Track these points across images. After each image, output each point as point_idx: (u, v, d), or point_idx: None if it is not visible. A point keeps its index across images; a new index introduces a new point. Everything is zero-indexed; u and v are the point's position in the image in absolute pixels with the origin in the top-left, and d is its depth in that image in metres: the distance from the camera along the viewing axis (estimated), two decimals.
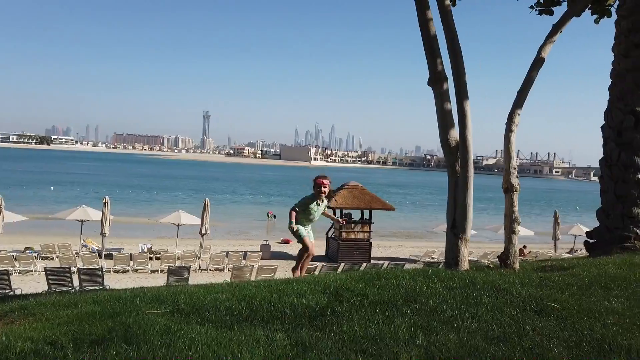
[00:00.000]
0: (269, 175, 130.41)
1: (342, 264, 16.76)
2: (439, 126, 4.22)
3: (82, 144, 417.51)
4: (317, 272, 16.32)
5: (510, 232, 4.13)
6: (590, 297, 3.67)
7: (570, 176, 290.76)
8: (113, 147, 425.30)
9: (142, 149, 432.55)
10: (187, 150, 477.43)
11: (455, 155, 4.08)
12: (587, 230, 8.36)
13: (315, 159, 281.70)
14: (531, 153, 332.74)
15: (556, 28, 4.37)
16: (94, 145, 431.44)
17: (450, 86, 4.19)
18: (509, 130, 4.28)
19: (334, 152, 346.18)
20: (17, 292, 13.64)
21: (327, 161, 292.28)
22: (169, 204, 52.21)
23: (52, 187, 62.46)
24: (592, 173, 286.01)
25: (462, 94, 4.13)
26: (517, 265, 4.07)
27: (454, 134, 4.18)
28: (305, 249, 5.99)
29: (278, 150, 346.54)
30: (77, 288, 13.74)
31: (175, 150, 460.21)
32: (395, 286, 3.46)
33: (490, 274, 3.85)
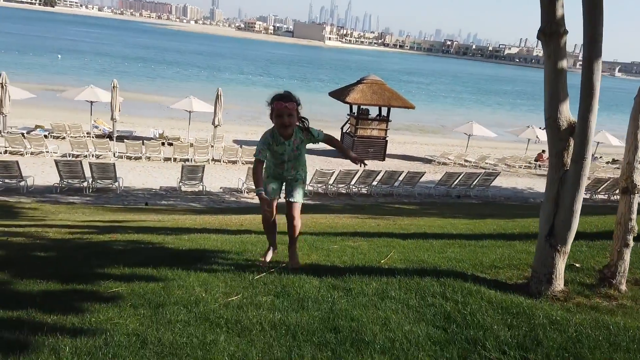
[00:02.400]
0: (280, 55, 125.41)
1: (360, 171, 16.19)
2: (546, 96, 3.14)
3: (87, 7, 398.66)
4: (332, 179, 15.89)
5: (622, 244, 3.28)
6: None
7: None
8: (119, 13, 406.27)
9: (150, 17, 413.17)
10: (195, 21, 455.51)
11: (565, 141, 3.07)
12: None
13: (329, 38, 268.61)
14: None
15: None
16: (99, 9, 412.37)
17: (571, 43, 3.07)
18: (638, 110, 3.24)
19: (349, 32, 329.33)
20: (29, 181, 13.39)
21: (341, 42, 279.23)
22: (179, 81, 50.88)
23: (59, 56, 60.48)
24: (617, 68, 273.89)
25: (592, 58, 2.98)
26: (623, 287, 3.30)
27: (567, 111, 3.12)
28: (265, 216, 3.81)
29: (291, 27, 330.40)
30: (90, 180, 13.43)
31: (184, 21, 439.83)
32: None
33: (606, 320, 2.78)
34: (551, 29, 3.06)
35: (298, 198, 3.84)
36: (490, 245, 4.84)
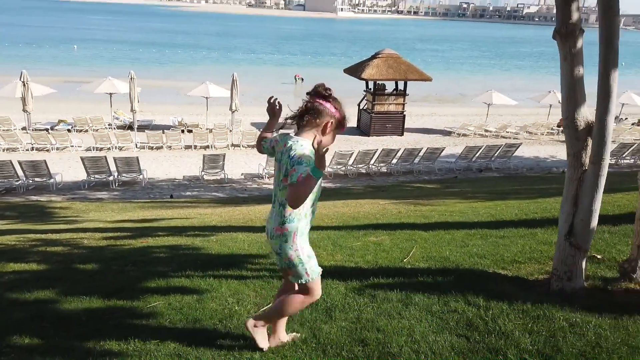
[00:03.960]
0: (292, 30, 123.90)
1: (379, 150, 16.19)
2: (563, 97, 3.15)
3: None
4: (352, 160, 15.94)
5: None
6: None
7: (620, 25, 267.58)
8: None
9: None
10: (206, 1, 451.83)
11: (583, 142, 3.08)
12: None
13: (341, 9, 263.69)
14: None
15: None
16: None
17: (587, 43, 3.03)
18: None
19: (362, 1, 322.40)
20: (58, 178, 13.82)
21: (354, 12, 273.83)
22: (192, 65, 51.02)
23: (75, 46, 61.10)
24: None
25: (609, 58, 2.98)
26: None
27: (585, 112, 3.12)
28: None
29: (302, 1, 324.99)
30: (115, 175, 13.80)
31: (195, 1, 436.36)
32: None
33: (625, 320, 2.84)
34: (567, 29, 3.06)
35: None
36: (512, 236, 4.91)
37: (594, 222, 3.21)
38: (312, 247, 2.63)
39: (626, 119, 28.52)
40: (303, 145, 2.38)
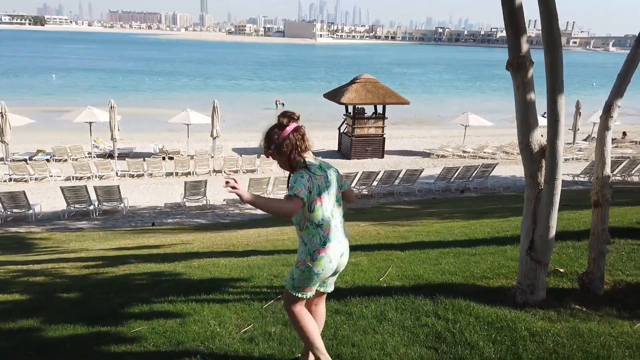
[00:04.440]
0: (271, 56, 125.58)
1: (359, 173, 16.51)
2: (518, 124, 3.42)
3: (77, 23, 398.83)
4: None
5: (597, 253, 3.58)
6: None
7: (588, 47, 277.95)
8: (109, 27, 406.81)
9: (140, 28, 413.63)
10: (186, 29, 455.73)
11: (538, 163, 3.34)
12: None
13: (320, 35, 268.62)
14: None
15: None
16: (89, 24, 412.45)
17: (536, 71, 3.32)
18: (604, 127, 3.52)
19: (340, 27, 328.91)
20: (37, 209, 13.72)
21: (333, 37, 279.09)
22: (171, 92, 51.23)
23: (53, 76, 60.92)
24: (610, 43, 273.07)
25: (555, 87, 3.26)
26: (601, 292, 3.59)
27: (538, 136, 3.40)
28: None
29: (281, 27, 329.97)
30: (96, 204, 13.76)
31: (174, 29, 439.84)
32: None
33: (581, 328, 3.03)
34: (518, 62, 3.34)
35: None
36: (483, 253, 5.13)
37: (552, 237, 3.45)
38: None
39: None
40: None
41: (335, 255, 2.70)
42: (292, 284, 2.69)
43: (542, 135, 3.44)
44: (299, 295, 2.69)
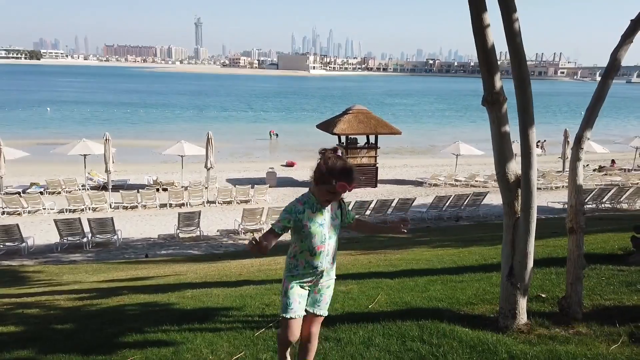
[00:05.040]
0: (265, 88, 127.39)
1: (352, 203, 16.69)
2: (495, 155, 3.63)
3: (72, 57, 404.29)
4: None
5: (574, 278, 3.75)
6: None
7: (575, 77, 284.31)
8: (105, 60, 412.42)
9: (135, 61, 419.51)
10: (181, 62, 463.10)
11: (514, 192, 3.54)
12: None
13: (314, 67, 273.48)
14: (536, 54, 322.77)
15: (636, 24, 3.62)
16: (85, 58, 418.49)
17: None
18: (575, 158, 3.75)
19: (333, 59, 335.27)
20: (30, 242, 13.72)
21: (326, 69, 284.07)
22: (165, 123, 51.69)
23: (48, 109, 61.38)
24: (597, 73, 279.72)
25: (527, 121, 3.50)
26: (580, 315, 3.74)
27: (514, 167, 3.61)
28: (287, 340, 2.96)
29: (275, 60, 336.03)
30: (89, 236, 13.79)
31: (169, 62, 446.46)
32: None
33: (559, 350, 3.16)
34: (492, 98, 3.57)
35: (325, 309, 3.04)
36: (470, 280, 5.27)
37: (530, 263, 3.61)
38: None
39: (587, 165, 30.00)
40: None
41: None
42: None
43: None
44: (286, 316, 2.87)
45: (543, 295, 4.36)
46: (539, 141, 36.29)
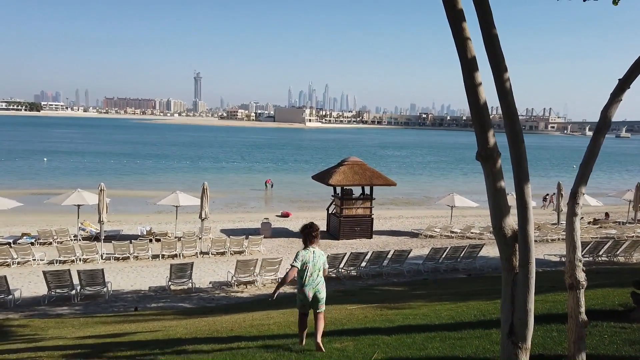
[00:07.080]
0: (263, 140, 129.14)
1: (347, 254, 16.50)
2: (491, 210, 3.62)
3: (72, 109, 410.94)
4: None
5: (577, 336, 3.64)
6: None
7: (565, 131, 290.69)
8: (104, 112, 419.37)
9: (134, 113, 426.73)
10: (179, 114, 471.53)
11: (511, 247, 3.50)
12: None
13: (309, 120, 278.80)
14: (527, 109, 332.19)
15: (624, 84, 3.72)
16: (84, 110, 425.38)
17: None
18: (572, 213, 3.75)
19: (328, 112, 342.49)
20: (17, 294, 13.34)
21: (321, 122, 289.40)
22: (161, 174, 51.83)
23: (45, 159, 61.66)
24: (587, 127, 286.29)
25: (521, 177, 3.52)
26: None
27: (510, 222, 3.59)
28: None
29: (272, 112, 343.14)
30: (78, 288, 13.44)
31: (168, 114, 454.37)
32: None
33: None
34: (486, 153, 3.59)
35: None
36: (469, 337, 5.10)
37: (531, 320, 3.50)
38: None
39: (582, 218, 30.06)
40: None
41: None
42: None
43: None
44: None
45: (545, 355, 4.21)
46: (547, 194, 36.65)
